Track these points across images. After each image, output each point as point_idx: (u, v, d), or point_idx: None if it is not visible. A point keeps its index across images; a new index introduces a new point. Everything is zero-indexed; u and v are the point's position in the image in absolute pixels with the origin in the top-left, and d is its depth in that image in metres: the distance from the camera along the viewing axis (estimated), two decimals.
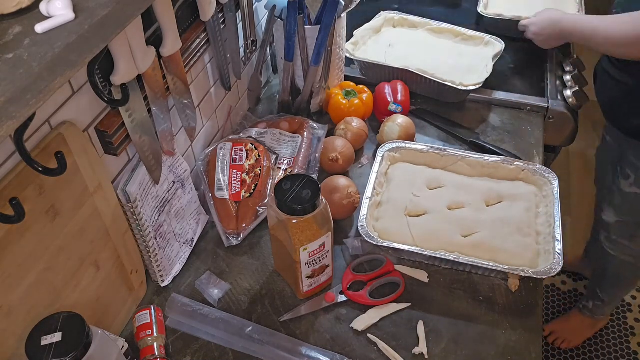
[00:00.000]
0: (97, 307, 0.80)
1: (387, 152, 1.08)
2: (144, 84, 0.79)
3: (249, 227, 1.00)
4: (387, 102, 1.19)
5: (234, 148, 1.04)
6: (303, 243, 0.81)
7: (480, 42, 1.35)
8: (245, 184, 1.01)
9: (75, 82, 0.70)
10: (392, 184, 1.04)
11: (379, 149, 1.08)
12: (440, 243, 0.93)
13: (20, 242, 0.63)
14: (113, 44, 0.69)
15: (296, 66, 1.18)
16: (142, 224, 0.84)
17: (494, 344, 0.84)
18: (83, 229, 0.74)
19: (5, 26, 0.46)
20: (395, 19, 1.44)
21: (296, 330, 0.87)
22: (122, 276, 0.85)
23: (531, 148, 1.17)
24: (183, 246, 0.97)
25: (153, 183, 0.86)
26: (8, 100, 0.40)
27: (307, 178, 0.81)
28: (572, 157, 2.51)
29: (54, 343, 0.62)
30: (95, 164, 0.73)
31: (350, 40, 1.33)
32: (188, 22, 0.92)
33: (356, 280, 0.93)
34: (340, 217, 1.01)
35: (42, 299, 0.69)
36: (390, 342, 0.85)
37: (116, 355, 0.71)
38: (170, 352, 0.85)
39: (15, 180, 0.61)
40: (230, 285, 0.94)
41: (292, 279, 0.90)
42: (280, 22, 1.12)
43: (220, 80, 1.10)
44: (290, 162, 1.08)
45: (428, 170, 1.07)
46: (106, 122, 0.76)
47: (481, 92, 1.27)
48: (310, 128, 1.13)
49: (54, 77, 0.44)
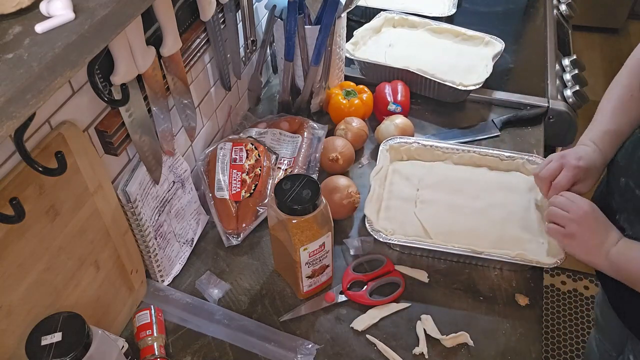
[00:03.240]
0: (97, 307, 0.80)
1: (389, 147, 1.09)
2: (144, 84, 0.79)
3: (249, 227, 1.00)
4: (387, 102, 1.19)
5: (234, 148, 1.04)
6: (303, 243, 0.81)
7: (480, 42, 1.35)
8: (245, 183, 1.01)
9: (75, 82, 0.69)
10: (394, 181, 1.05)
11: (381, 146, 1.09)
12: (452, 236, 0.94)
13: (20, 242, 0.63)
14: (113, 44, 0.69)
15: (296, 66, 1.18)
16: (142, 224, 0.84)
17: (494, 344, 0.84)
18: (83, 229, 0.74)
19: (5, 26, 0.46)
20: (395, 19, 1.43)
21: (296, 330, 0.87)
22: (122, 276, 0.85)
23: (531, 148, 1.17)
24: (183, 246, 0.97)
25: (153, 183, 0.86)
26: (8, 100, 0.40)
27: (307, 178, 0.81)
28: None
29: (54, 343, 0.62)
30: (95, 164, 0.73)
31: (350, 40, 1.33)
32: (188, 22, 0.92)
33: (356, 280, 0.93)
34: (340, 217, 1.01)
35: (42, 299, 0.69)
36: (390, 342, 0.85)
37: (116, 355, 0.71)
38: (170, 352, 0.85)
39: (15, 180, 0.61)
40: (230, 285, 0.94)
41: (292, 279, 0.90)
42: (280, 22, 1.12)
43: (220, 80, 1.10)
44: (290, 162, 1.08)
45: (429, 164, 1.08)
46: (106, 122, 0.76)
47: (481, 92, 1.27)
48: (310, 128, 1.13)
49: (54, 77, 0.44)
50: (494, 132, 1.21)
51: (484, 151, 1.07)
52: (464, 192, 1.02)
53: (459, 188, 1.03)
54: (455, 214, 0.98)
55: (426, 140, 1.11)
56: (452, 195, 1.01)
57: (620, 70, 0.96)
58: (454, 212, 0.99)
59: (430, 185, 1.04)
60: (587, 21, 3.38)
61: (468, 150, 1.08)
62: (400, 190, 1.03)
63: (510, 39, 1.46)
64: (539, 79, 1.34)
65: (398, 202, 1.01)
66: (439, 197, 1.01)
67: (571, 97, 1.27)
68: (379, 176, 1.03)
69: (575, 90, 1.28)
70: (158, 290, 0.92)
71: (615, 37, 3.46)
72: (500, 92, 1.30)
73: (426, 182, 1.04)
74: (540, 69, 1.37)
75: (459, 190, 1.02)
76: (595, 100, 1.25)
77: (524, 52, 1.42)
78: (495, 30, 1.38)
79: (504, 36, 1.35)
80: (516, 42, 1.49)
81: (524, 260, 0.89)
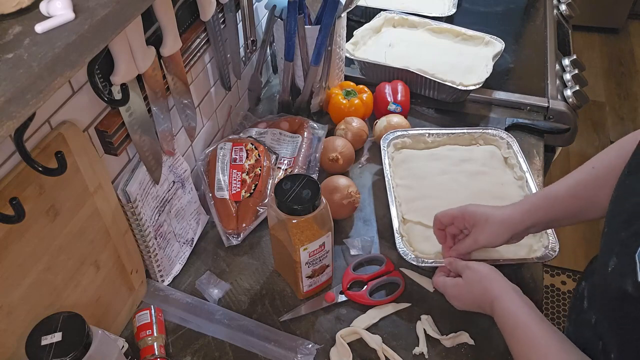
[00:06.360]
0: (97, 307, 0.80)
1: (391, 143, 1.10)
2: (144, 84, 0.79)
3: (249, 227, 1.00)
4: (387, 102, 1.19)
5: (234, 148, 1.04)
6: (303, 243, 0.81)
7: (480, 42, 1.35)
8: (245, 183, 1.01)
9: (75, 82, 0.69)
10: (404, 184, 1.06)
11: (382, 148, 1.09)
12: None
13: (20, 242, 0.63)
14: (113, 44, 0.69)
15: (296, 66, 1.18)
16: (142, 224, 0.84)
17: (494, 344, 0.84)
18: (83, 229, 0.74)
19: (5, 26, 0.46)
20: (395, 19, 1.44)
21: (296, 330, 0.87)
22: (122, 276, 0.85)
23: (531, 148, 1.17)
24: (183, 246, 0.97)
25: (153, 183, 0.86)
26: (8, 100, 0.40)
27: (307, 178, 0.81)
28: (572, 157, 2.52)
29: (54, 343, 0.62)
30: (95, 163, 0.73)
31: (350, 40, 1.33)
32: (188, 22, 0.92)
33: (356, 280, 0.93)
34: (340, 217, 1.01)
35: (42, 299, 0.69)
36: (390, 342, 0.85)
37: (116, 355, 0.71)
38: (170, 352, 0.85)
39: (15, 180, 0.61)
40: (230, 285, 0.94)
41: (292, 278, 0.90)
42: (280, 22, 1.12)
43: (220, 80, 1.10)
44: (290, 162, 1.08)
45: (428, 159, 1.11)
46: (106, 122, 0.76)
47: (481, 92, 1.27)
48: (310, 128, 1.13)
49: (54, 77, 0.44)
50: (499, 127, 1.21)
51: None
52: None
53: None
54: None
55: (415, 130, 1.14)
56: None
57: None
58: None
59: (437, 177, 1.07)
60: (587, 21, 3.39)
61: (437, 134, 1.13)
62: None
63: (510, 39, 1.46)
64: (539, 79, 1.34)
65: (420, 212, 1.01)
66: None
67: (571, 97, 1.27)
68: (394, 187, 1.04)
69: (575, 90, 1.28)
70: (158, 290, 0.92)
71: (615, 37, 3.46)
72: (500, 92, 1.30)
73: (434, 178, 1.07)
74: (540, 69, 1.37)
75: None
76: (595, 100, 1.25)
77: (524, 52, 1.42)
78: (495, 30, 1.38)
79: (504, 36, 1.35)
80: (516, 42, 1.49)
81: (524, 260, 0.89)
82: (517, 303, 0.74)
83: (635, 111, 2.84)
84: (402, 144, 1.12)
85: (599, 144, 2.58)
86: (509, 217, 0.82)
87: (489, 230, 0.82)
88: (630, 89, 3.02)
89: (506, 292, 0.76)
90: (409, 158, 1.10)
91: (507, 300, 0.75)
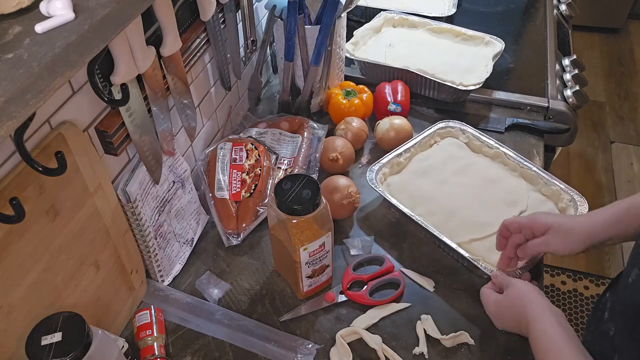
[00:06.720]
0: (97, 307, 0.80)
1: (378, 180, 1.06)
2: (144, 84, 0.79)
3: (249, 227, 1.00)
4: (387, 102, 1.19)
5: (234, 148, 1.04)
6: (303, 243, 0.81)
7: (480, 42, 1.35)
8: (245, 183, 1.01)
9: (75, 82, 0.70)
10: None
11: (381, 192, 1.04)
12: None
13: (20, 242, 0.63)
14: (113, 44, 0.69)
15: (296, 66, 1.18)
16: (142, 224, 0.84)
17: (494, 344, 0.84)
18: (83, 229, 0.74)
19: (5, 26, 0.46)
20: (395, 19, 1.44)
21: (296, 330, 0.87)
22: (122, 276, 0.85)
23: (531, 148, 1.17)
24: (183, 246, 0.97)
25: (153, 183, 0.86)
26: (8, 100, 0.40)
27: (307, 178, 0.81)
28: (572, 157, 2.51)
29: (54, 343, 0.62)
30: (95, 163, 0.73)
31: (350, 40, 1.33)
32: (188, 22, 0.92)
33: (356, 280, 0.93)
34: (340, 217, 1.01)
35: (42, 299, 0.69)
36: (390, 342, 0.85)
37: (116, 355, 0.71)
38: (170, 352, 0.85)
39: (15, 180, 0.61)
40: (230, 285, 0.94)
41: (292, 278, 0.90)
42: (280, 22, 1.12)
43: (220, 80, 1.10)
44: (290, 162, 1.08)
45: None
46: (106, 122, 0.76)
47: (481, 92, 1.27)
48: (310, 128, 1.13)
49: (54, 77, 0.44)
50: (499, 127, 1.21)
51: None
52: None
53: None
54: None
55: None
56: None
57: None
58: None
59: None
60: (587, 21, 3.39)
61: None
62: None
63: (510, 39, 1.46)
64: (539, 79, 1.34)
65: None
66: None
67: (571, 97, 1.27)
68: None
69: (575, 90, 1.28)
70: (158, 290, 0.92)
71: (615, 37, 3.46)
72: (500, 92, 1.30)
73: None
74: (540, 69, 1.37)
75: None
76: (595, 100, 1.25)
77: (524, 52, 1.42)
78: (495, 30, 1.38)
79: (504, 36, 1.35)
80: (516, 42, 1.49)
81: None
82: (554, 326, 0.71)
83: (635, 111, 2.84)
84: (383, 175, 1.07)
85: (599, 144, 2.58)
86: (590, 227, 0.79)
87: (569, 239, 0.80)
88: (630, 89, 3.02)
89: (544, 313, 0.74)
90: (401, 186, 1.06)
91: (545, 322, 0.73)
